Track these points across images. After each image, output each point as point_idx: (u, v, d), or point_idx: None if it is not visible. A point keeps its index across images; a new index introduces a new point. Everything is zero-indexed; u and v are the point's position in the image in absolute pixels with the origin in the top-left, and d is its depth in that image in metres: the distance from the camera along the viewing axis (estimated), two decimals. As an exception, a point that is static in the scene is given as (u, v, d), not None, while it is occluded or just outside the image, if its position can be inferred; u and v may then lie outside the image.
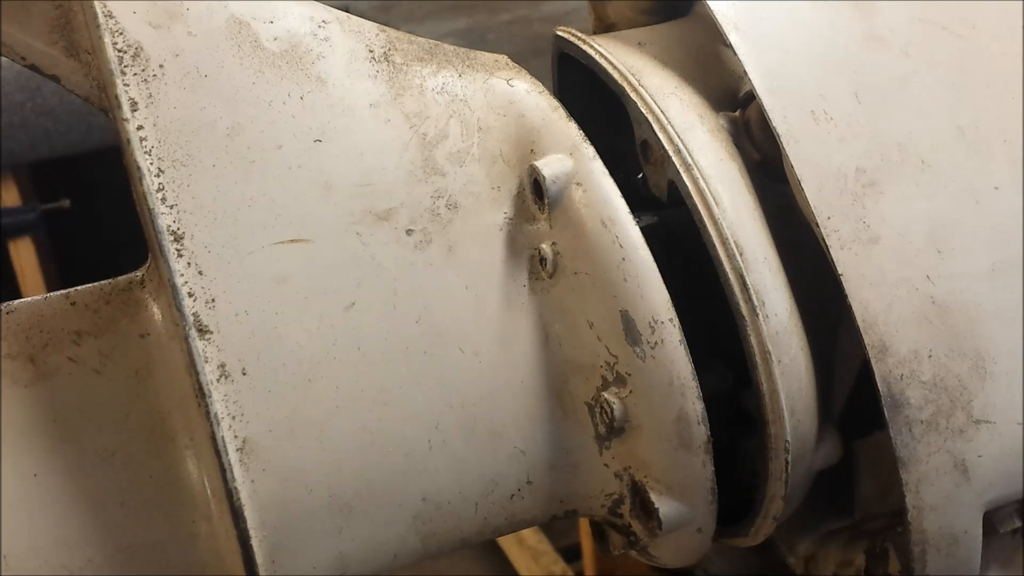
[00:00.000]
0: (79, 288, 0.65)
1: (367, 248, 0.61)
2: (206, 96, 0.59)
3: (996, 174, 0.66)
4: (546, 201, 0.63)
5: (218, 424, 0.56)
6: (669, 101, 0.67)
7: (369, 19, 0.68)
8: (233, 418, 0.56)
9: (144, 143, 0.57)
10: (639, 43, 0.72)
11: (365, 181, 0.62)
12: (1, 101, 2.05)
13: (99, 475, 0.59)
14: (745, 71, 0.64)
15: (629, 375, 0.62)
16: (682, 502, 0.64)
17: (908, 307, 0.62)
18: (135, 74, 0.57)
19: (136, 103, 0.57)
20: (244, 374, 0.57)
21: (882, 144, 0.65)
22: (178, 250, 0.56)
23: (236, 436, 0.56)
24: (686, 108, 0.67)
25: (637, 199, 0.66)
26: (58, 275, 2.33)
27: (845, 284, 0.62)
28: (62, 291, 0.64)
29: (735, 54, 0.65)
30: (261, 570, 0.57)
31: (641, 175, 0.73)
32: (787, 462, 0.64)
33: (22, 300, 0.64)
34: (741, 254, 0.63)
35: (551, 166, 0.63)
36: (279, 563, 0.57)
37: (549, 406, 0.64)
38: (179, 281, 0.56)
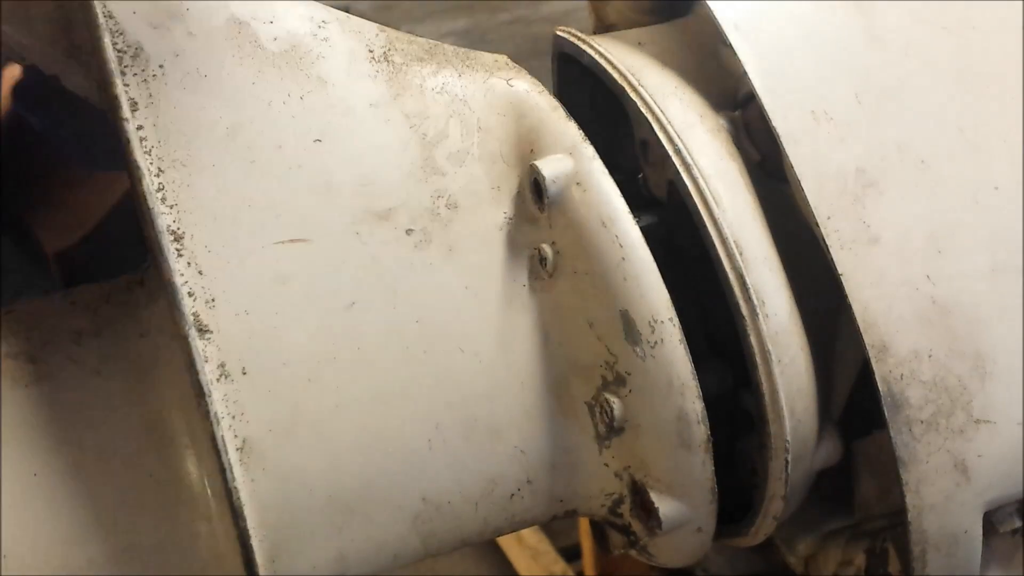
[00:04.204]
0: (79, 288, 0.65)
1: (367, 248, 0.61)
2: (206, 96, 0.59)
3: (996, 174, 0.66)
4: (546, 201, 0.63)
5: (218, 424, 0.56)
6: (669, 101, 0.67)
7: (369, 19, 0.68)
8: (233, 418, 0.56)
9: (144, 143, 0.57)
10: (639, 43, 0.72)
11: (365, 181, 0.62)
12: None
13: (99, 475, 0.59)
14: (745, 71, 0.64)
15: (629, 375, 0.63)
16: (682, 501, 0.64)
17: (908, 307, 0.62)
18: (135, 74, 0.57)
19: (136, 103, 0.57)
20: (244, 374, 0.57)
21: (882, 144, 0.65)
22: (178, 250, 0.56)
23: (236, 436, 0.56)
24: (686, 108, 0.67)
25: (637, 199, 0.66)
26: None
27: (845, 284, 0.62)
28: (62, 291, 0.65)
29: (735, 54, 0.65)
30: (261, 570, 0.57)
31: (641, 175, 0.73)
32: (787, 462, 0.64)
33: (22, 300, 0.64)
34: (741, 254, 0.63)
35: (551, 166, 0.63)
36: (279, 563, 0.57)
37: (549, 406, 0.64)
38: (179, 281, 0.56)
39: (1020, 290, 0.64)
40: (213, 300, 0.57)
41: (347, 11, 0.68)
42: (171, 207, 0.57)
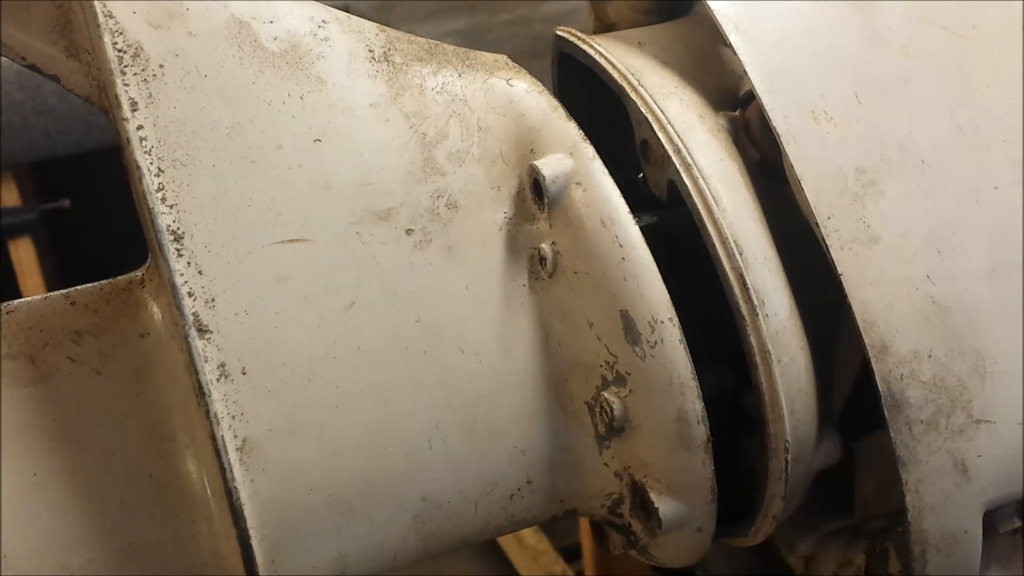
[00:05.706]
0: (79, 288, 0.65)
1: (367, 248, 0.61)
2: (206, 96, 0.59)
3: (996, 174, 0.66)
4: (546, 201, 0.63)
5: (218, 423, 0.56)
6: (669, 101, 0.67)
7: (369, 19, 0.68)
8: (233, 418, 0.56)
9: (144, 143, 0.57)
10: (639, 43, 0.72)
11: (365, 181, 0.62)
12: (1, 101, 2.05)
13: (99, 475, 0.59)
14: (745, 71, 0.64)
15: (629, 374, 0.63)
16: (682, 502, 0.64)
17: (908, 307, 0.62)
18: (135, 74, 0.57)
19: (136, 103, 0.57)
20: (244, 374, 0.57)
21: (882, 144, 0.65)
22: (178, 250, 0.56)
23: (236, 436, 0.56)
24: (686, 108, 0.67)
25: (637, 199, 0.66)
26: (57, 275, 2.33)
27: (845, 284, 0.62)
28: (62, 291, 0.65)
29: (735, 54, 0.65)
30: (261, 570, 0.57)
31: (641, 175, 0.73)
32: (787, 462, 0.64)
33: (22, 300, 0.64)
34: (741, 254, 0.63)
35: (551, 165, 0.63)
36: (279, 563, 0.57)
37: (549, 406, 0.64)
38: (179, 281, 0.56)
39: (1020, 289, 0.64)
40: (213, 300, 0.57)
41: (347, 11, 0.68)
42: (171, 207, 0.57)
